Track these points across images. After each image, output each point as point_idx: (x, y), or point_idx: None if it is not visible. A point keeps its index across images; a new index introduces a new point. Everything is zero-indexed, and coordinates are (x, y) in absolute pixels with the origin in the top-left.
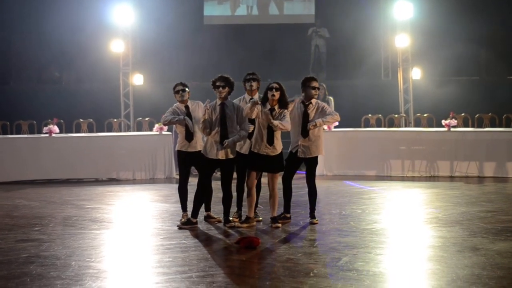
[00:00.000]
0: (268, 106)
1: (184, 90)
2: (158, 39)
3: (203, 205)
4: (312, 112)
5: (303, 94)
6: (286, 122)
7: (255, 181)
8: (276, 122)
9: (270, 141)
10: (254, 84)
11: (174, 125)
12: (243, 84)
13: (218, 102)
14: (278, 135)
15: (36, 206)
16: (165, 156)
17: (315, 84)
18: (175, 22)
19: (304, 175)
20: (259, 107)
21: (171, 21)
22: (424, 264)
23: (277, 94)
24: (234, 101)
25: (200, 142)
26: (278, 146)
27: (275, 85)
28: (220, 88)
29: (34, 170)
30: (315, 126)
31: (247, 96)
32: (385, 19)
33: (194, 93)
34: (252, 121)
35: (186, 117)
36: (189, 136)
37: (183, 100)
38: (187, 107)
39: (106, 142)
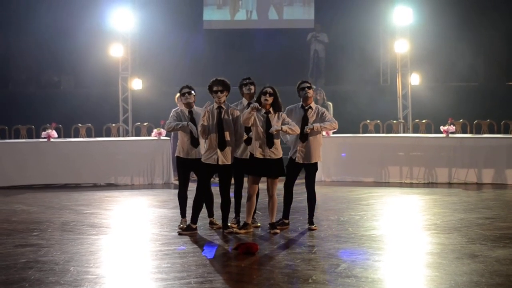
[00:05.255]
0: (263, 110)
1: (189, 93)
2: (157, 44)
3: (206, 211)
4: (312, 117)
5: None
6: (294, 126)
7: (257, 188)
8: (285, 127)
9: (271, 144)
10: (253, 87)
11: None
12: (239, 89)
13: (215, 106)
14: (277, 138)
15: (34, 211)
16: (164, 161)
17: (304, 84)
18: (175, 27)
19: (303, 181)
20: (255, 113)
21: (170, 26)
22: (423, 271)
23: (270, 99)
24: (232, 105)
25: (203, 149)
26: (279, 148)
27: (269, 89)
28: (219, 93)
29: (32, 175)
30: (312, 129)
31: (244, 101)
32: (384, 25)
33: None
34: (248, 129)
35: (190, 123)
36: (195, 142)
37: (188, 103)
38: (191, 112)
39: (104, 147)
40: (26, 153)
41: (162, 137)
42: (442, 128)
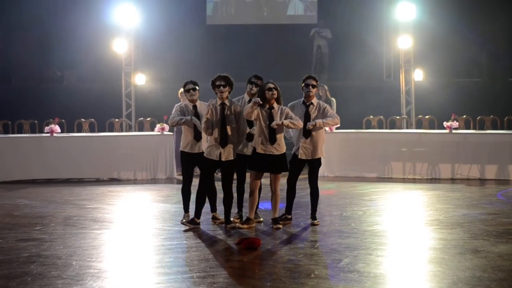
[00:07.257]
0: (266, 106)
1: (194, 89)
2: (160, 39)
3: (209, 206)
4: (313, 113)
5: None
6: (297, 121)
7: (259, 184)
8: (286, 121)
9: (273, 140)
10: (255, 89)
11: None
12: (246, 82)
13: (218, 102)
14: (280, 133)
15: (37, 206)
16: (166, 156)
17: (309, 81)
18: (178, 22)
19: (307, 176)
20: (258, 108)
21: (173, 21)
22: (425, 266)
23: (276, 93)
24: (234, 100)
25: (205, 143)
26: (282, 144)
27: (272, 85)
28: (221, 88)
29: (35, 169)
30: (314, 126)
31: (246, 97)
32: (387, 20)
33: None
34: (250, 124)
35: (193, 117)
36: (198, 135)
37: (192, 99)
38: (195, 106)
39: (107, 142)
40: (29, 148)
41: (165, 132)
42: (445, 124)
